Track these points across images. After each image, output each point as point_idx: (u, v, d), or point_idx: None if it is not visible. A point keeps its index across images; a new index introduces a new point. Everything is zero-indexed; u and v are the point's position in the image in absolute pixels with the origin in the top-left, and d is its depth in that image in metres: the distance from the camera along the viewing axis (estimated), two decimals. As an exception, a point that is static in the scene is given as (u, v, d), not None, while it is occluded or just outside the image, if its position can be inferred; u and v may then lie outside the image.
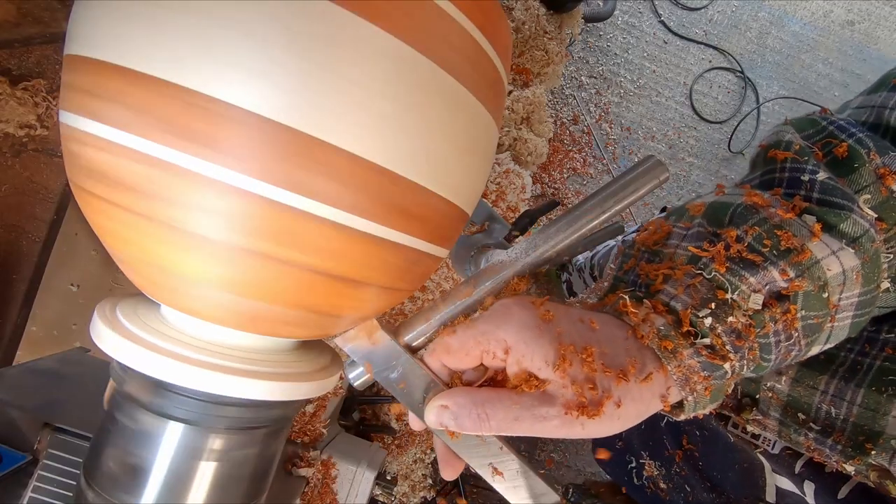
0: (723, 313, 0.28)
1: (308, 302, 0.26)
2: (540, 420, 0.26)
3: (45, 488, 0.42)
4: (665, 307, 0.29)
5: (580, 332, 0.28)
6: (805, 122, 0.34)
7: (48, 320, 0.69)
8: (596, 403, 0.26)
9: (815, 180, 0.30)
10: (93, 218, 0.26)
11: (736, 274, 0.28)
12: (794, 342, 0.29)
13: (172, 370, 0.26)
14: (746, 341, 0.28)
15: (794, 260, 0.28)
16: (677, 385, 0.28)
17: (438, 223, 0.27)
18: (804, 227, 0.29)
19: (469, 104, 0.26)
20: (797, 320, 0.28)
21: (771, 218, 0.29)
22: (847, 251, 0.28)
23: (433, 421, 0.28)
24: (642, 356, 0.28)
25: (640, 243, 0.34)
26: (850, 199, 0.29)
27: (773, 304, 0.28)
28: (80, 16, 0.24)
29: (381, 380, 0.30)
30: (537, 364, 0.27)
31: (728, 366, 0.28)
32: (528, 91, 0.92)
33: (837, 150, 0.31)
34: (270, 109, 0.21)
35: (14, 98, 0.64)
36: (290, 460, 0.64)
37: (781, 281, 0.28)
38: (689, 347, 0.27)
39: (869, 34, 1.56)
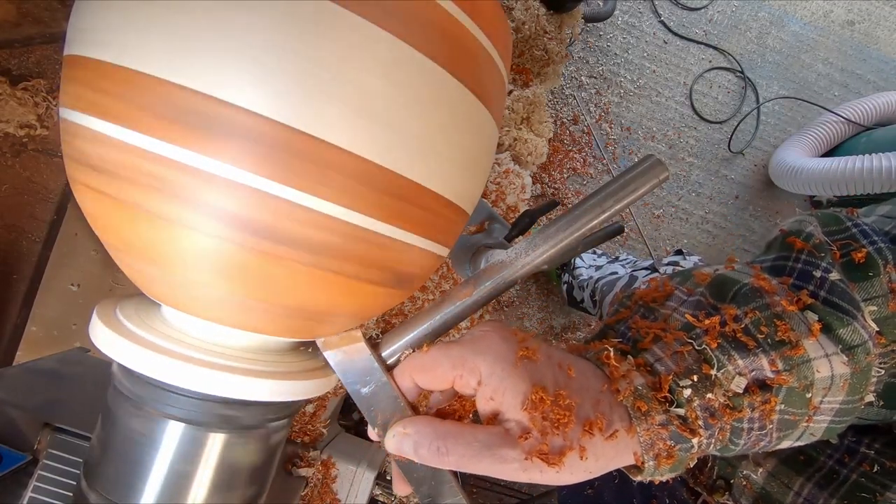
0: (703, 388, 0.28)
1: (307, 300, 0.26)
2: (500, 461, 0.26)
3: (45, 488, 0.42)
4: (648, 368, 0.29)
5: (555, 377, 0.28)
6: (830, 217, 0.34)
7: (48, 320, 0.69)
8: (558, 452, 0.26)
9: (827, 279, 0.30)
10: (92, 215, 0.26)
11: (725, 352, 0.28)
12: (766, 433, 0.29)
13: (172, 370, 0.26)
14: (720, 421, 0.28)
15: (786, 353, 0.28)
16: (643, 448, 0.27)
17: (438, 222, 0.27)
18: (804, 324, 0.28)
19: (469, 103, 0.26)
20: (775, 412, 0.28)
21: (773, 306, 0.29)
22: (840, 357, 0.28)
23: (392, 446, 0.28)
24: (612, 412, 0.27)
25: (639, 297, 0.34)
26: (855, 307, 0.29)
27: (754, 391, 0.28)
28: (80, 16, 0.24)
29: (352, 392, 0.30)
30: (507, 400, 0.27)
31: (696, 441, 0.28)
32: (528, 91, 0.92)
33: (856, 255, 0.31)
34: (269, 108, 0.21)
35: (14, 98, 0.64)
36: (290, 460, 0.64)
37: (769, 371, 0.28)
38: (663, 413, 0.27)
39: (869, 34, 1.56)
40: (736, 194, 1.48)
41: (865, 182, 1.14)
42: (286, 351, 0.31)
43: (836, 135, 1.39)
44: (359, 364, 0.29)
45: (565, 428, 0.26)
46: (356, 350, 0.30)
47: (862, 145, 1.35)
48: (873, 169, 1.12)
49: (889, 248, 0.31)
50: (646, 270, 0.95)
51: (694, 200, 1.47)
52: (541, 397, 0.26)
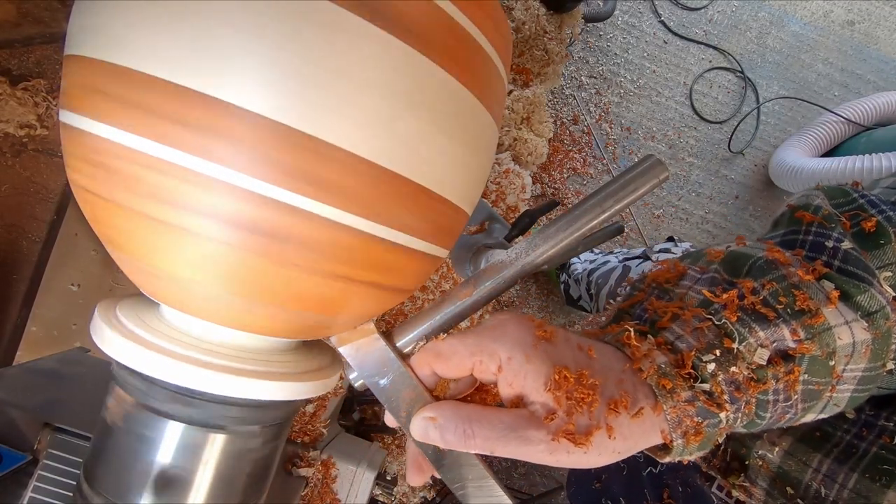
0: (726, 362, 0.27)
1: (307, 301, 0.26)
2: (526, 443, 0.26)
3: (45, 488, 0.42)
4: (668, 346, 0.28)
5: (576, 358, 0.27)
6: (836, 191, 0.34)
7: (48, 320, 0.69)
8: (585, 432, 0.26)
9: (839, 248, 0.30)
10: (92, 216, 0.26)
11: (746, 325, 0.28)
12: (791, 404, 0.29)
13: (172, 370, 0.26)
14: (745, 394, 0.28)
15: (806, 322, 0.27)
16: (670, 426, 0.27)
17: (438, 223, 0.27)
18: (821, 292, 0.28)
19: (469, 103, 0.26)
20: (799, 383, 0.28)
21: (790, 276, 0.29)
22: (860, 323, 0.28)
23: (418, 433, 0.28)
24: (636, 391, 0.27)
25: (652, 279, 0.33)
26: (871, 273, 0.29)
27: (777, 363, 0.28)
28: (80, 16, 0.24)
29: (371, 384, 0.30)
30: (529, 383, 0.26)
31: (723, 415, 0.27)
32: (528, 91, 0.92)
33: (865, 224, 0.31)
34: (270, 109, 0.21)
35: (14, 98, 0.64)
36: (290, 460, 0.64)
37: (790, 340, 0.28)
38: (688, 390, 0.27)
39: (869, 34, 1.56)
40: (736, 194, 1.48)
41: (865, 182, 1.14)
42: (286, 351, 0.31)
43: (836, 135, 1.39)
44: (375, 356, 0.30)
45: (590, 407, 0.26)
46: (371, 342, 0.30)
47: (862, 145, 1.35)
48: (873, 169, 1.12)
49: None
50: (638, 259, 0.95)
51: (694, 200, 1.47)
52: (564, 376, 0.26)
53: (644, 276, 0.34)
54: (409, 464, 0.31)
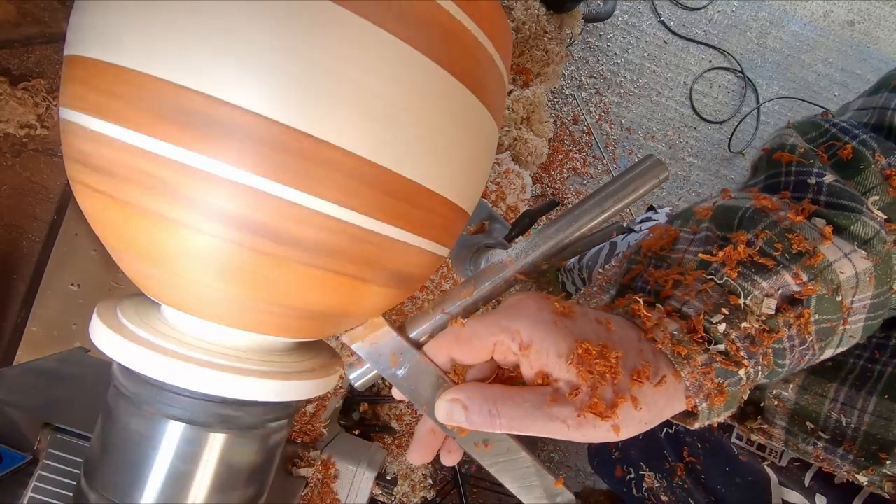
0: (736, 319, 0.27)
1: (307, 300, 0.26)
2: (552, 419, 0.26)
3: (45, 488, 0.42)
4: (677, 313, 0.28)
5: (596, 332, 0.27)
6: (807, 125, 0.34)
7: (48, 320, 0.69)
8: (611, 405, 0.26)
9: (823, 183, 0.30)
10: (92, 216, 0.26)
11: (748, 279, 0.28)
12: (807, 346, 0.29)
13: (172, 370, 0.26)
14: (761, 347, 0.28)
15: (806, 263, 0.27)
16: (692, 391, 0.27)
17: (439, 222, 0.27)
18: (815, 231, 0.28)
19: (469, 103, 0.26)
20: (811, 324, 0.28)
21: (781, 221, 0.29)
22: (859, 253, 0.28)
23: (444, 416, 0.28)
24: (657, 361, 0.27)
25: (647, 249, 0.33)
26: (858, 202, 0.29)
27: (786, 309, 0.28)
28: (80, 16, 0.24)
29: (389, 377, 0.29)
30: (552, 360, 0.26)
31: (743, 372, 0.27)
32: (528, 91, 0.92)
33: (842, 153, 0.31)
34: (269, 108, 0.21)
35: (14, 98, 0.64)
36: (290, 460, 0.64)
37: (794, 285, 0.28)
38: (703, 354, 0.27)
39: (869, 34, 1.56)
40: (736, 194, 1.48)
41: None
42: (286, 351, 0.31)
43: (836, 135, 1.38)
44: (388, 348, 0.29)
45: (614, 379, 0.26)
46: (383, 335, 0.30)
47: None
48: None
49: (872, 138, 0.31)
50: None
51: (694, 200, 1.46)
52: (586, 349, 0.26)
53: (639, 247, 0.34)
54: (414, 443, 0.31)
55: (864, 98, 0.35)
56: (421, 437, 0.31)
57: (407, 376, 0.29)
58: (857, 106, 0.35)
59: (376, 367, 0.30)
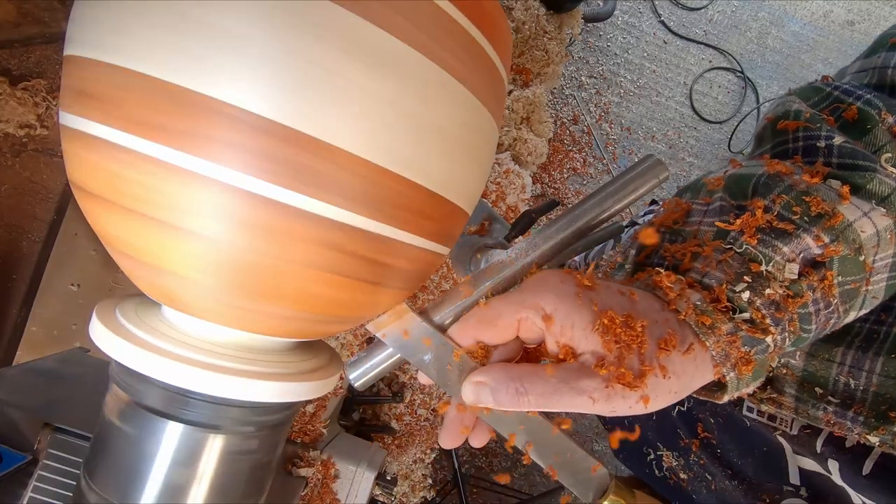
0: (759, 286, 0.27)
1: (307, 301, 0.26)
2: (580, 393, 0.25)
3: (45, 488, 0.42)
4: (699, 284, 0.28)
5: (620, 303, 0.27)
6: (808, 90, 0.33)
7: (48, 320, 0.69)
8: (639, 375, 0.25)
9: (833, 145, 0.30)
10: (93, 217, 0.26)
11: (768, 245, 0.27)
12: (832, 309, 0.29)
13: (172, 371, 0.26)
14: (786, 313, 0.27)
15: (826, 225, 0.27)
16: (718, 360, 0.27)
17: (439, 223, 0.27)
18: (832, 191, 0.28)
19: (469, 103, 0.26)
20: (835, 286, 0.28)
21: (797, 185, 0.28)
22: (878, 211, 0.28)
23: (471, 398, 0.28)
24: (684, 330, 0.27)
25: (660, 224, 0.33)
26: (871, 160, 0.29)
27: (809, 273, 0.27)
28: (80, 16, 0.24)
29: (416, 363, 0.29)
30: (578, 332, 0.26)
31: (770, 339, 0.27)
32: (528, 91, 0.92)
33: (847, 114, 0.30)
34: (268, 109, 0.21)
35: (14, 98, 0.64)
36: (290, 460, 0.64)
37: (816, 247, 0.27)
38: (728, 322, 0.27)
39: (869, 34, 1.56)
40: (736, 194, 1.48)
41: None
42: (286, 351, 0.31)
43: (836, 135, 1.39)
44: (414, 334, 0.29)
45: (641, 348, 0.26)
46: (408, 321, 0.30)
47: (862, 145, 1.34)
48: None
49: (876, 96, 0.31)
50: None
51: (694, 200, 1.46)
52: (611, 318, 0.26)
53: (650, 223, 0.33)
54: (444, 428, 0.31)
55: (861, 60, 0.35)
56: (450, 421, 0.31)
57: (434, 361, 0.29)
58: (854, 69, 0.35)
59: (403, 354, 0.30)
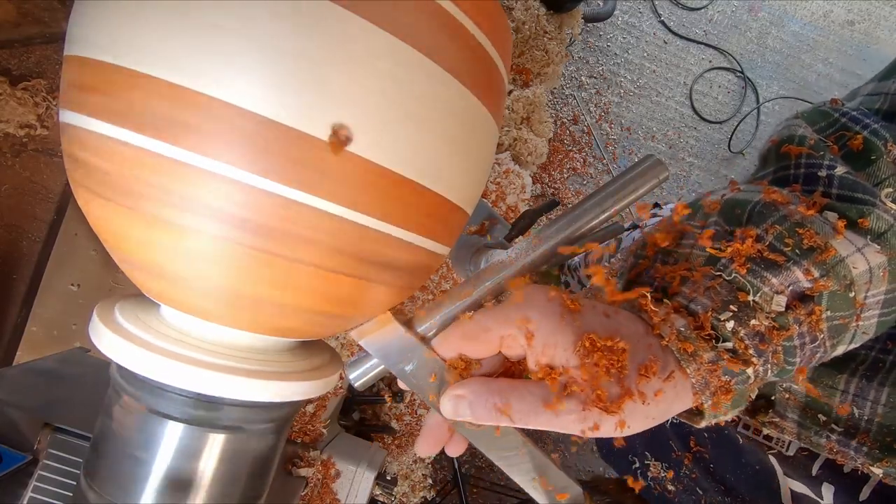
0: (745, 316, 0.27)
1: (307, 300, 0.26)
2: (557, 413, 0.25)
3: (45, 488, 0.42)
4: (685, 309, 0.28)
5: (604, 325, 0.27)
6: (816, 114, 0.33)
7: (48, 320, 0.69)
8: (616, 400, 0.25)
9: (834, 175, 0.29)
10: (92, 215, 0.26)
11: (757, 275, 0.27)
12: (819, 344, 0.28)
13: (172, 370, 0.26)
14: (770, 345, 0.27)
15: (817, 259, 0.27)
16: (697, 388, 0.27)
17: (438, 222, 0.27)
18: (826, 225, 0.27)
19: (469, 103, 0.26)
20: (822, 321, 0.27)
21: (791, 216, 0.28)
22: (872, 247, 0.27)
23: (449, 411, 0.28)
24: (665, 356, 0.27)
25: (653, 244, 0.33)
26: (871, 194, 0.28)
27: (796, 306, 0.27)
28: (80, 16, 0.24)
29: (397, 372, 0.29)
30: (559, 352, 0.26)
31: (751, 370, 0.27)
32: (528, 91, 0.92)
33: (852, 143, 0.30)
34: (269, 109, 0.21)
35: (14, 98, 0.64)
36: (290, 460, 0.64)
37: (805, 281, 0.27)
38: (711, 351, 0.27)
39: (869, 34, 1.56)
40: (736, 194, 1.48)
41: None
42: (286, 351, 0.31)
43: (836, 135, 1.38)
44: (396, 344, 0.29)
45: (620, 373, 0.26)
46: (391, 331, 0.29)
47: (862, 145, 1.34)
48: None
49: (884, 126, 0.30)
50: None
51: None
52: (593, 340, 0.26)
53: (644, 243, 0.33)
54: (422, 435, 0.31)
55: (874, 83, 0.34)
56: (429, 429, 0.31)
57: (415, 372, 0.29)
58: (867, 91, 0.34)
59: (384, 363, 0.30)
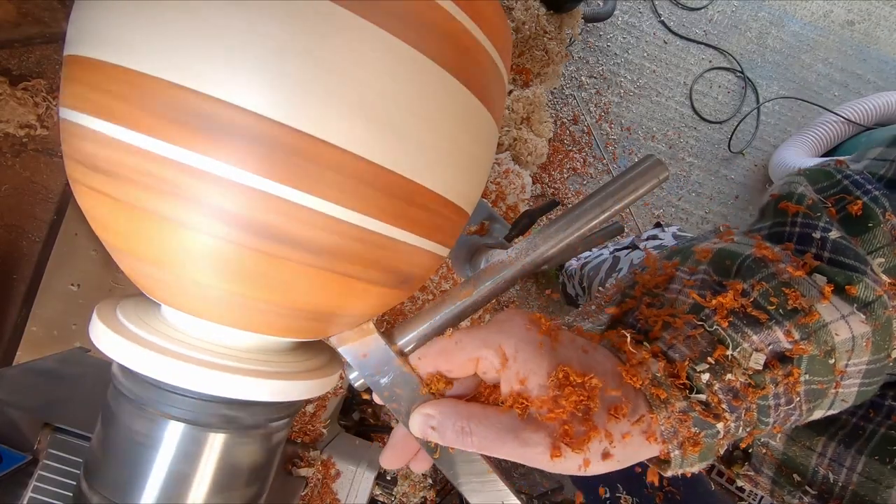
0: (721, 370, 0.27)
1: (308, 300, 0.26)
2: (523, 444, 0.25)
3: (45, 488, 0.42)
4: (663, 355, 0.28)
5: (580, 360, 0.27)
6: (819, 173, 0.32)
7: (48, 320, 0.69)
8: (583, 437, 0.25)
9: (828, 238, 0.29)
10: (92, 215, 0.26)
11: (738, 330, 0.27)
12: (794, 406, 0.28)
13: (172, 370, 0.26)
14: (744, 402, 0.27)
15: (800, 321, 0.26)
16: (666, 436, 0.26)
17: (438, 222, 0.27)
18: (814, 288, 0.27)
19: (469, 103, 0.26)
20: (800, 384, 0.27)
21: (780, 274, 0.28)
22: (857, 316, 0.27)
23: (417, 429, 0.28)
24: (637, 399, 0.27)
25: (642, 284, 0.33)
26: (863, 262, 0.28)
27: (775, 366, 0.27)
28: (80, 16, 0.24)
29: (371, 384, 0.30)
30: (532, 382, 0.26)
31: (721, 426, 0.27)
32: (528, 91, 0.92)
33: (852, 208, 0.30)
34: (270, 109, 0.21)
35: (14, 98, 0.64)
36: (290, 460, 0.64)
37: (786, 342, 0.27)
38: (683, 401, 0.26)
39: (869, 34, 1.56)
40: (736, 194, 1.48)
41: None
42: (287, 351, 0.31)
43: (837, 135, 1.39)
44: (375, 355, 0.30)
45: (590, 411, 0.25)
46: (371, 342, 0.30)
47: (862, 145, 1.34)
48: (873, 169, 1.12)
49: (885, 195, 0.30)
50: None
51: (694, 200, 1.46)
52: (567, 374, 0.26)
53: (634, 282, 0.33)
54: (388, 446, 0.31)
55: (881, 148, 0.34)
56: (395, 443, 0.31)
57: (389, 385, 0.29)
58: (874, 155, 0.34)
59: (361, 373, 0.30)
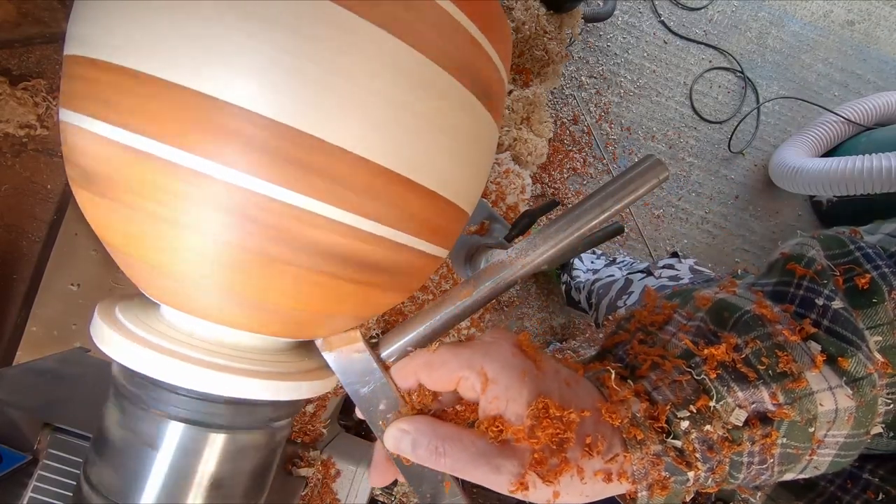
0: (702, 420, 0.27)
1: (308, 301, 0.26)
2: (495, 471, 0.25)
3: (45, 488, 0.42)
4: (646, 395, 0.28)
5: (561, 392, 0.27)
6: (833, 240, 0.32)
7: (48, 320, 0.69)
8: (556, 469, 0.25)
9: (829, 307, 0.29)
10: (92, 215, 0.26)
11: (725, 384, 0.27)
12: (766, 467, 0.28)
13: (172, 370, 0.26)
14: (718, 454, 0.27)
15: (787, 386, 0.27)
16: (636, 477, 0.27)
17: (439, 223, 0.27)
18: (806, 354, 0.27)
19: (469, 104, 0.26)
20: (776, 446, 0.27)
21: (775, 335, 0.28)
22: (844, 390, 0.27)
23: (391, 443, 0.28)
24: (613, 436, 0.27)
25: (638, 320, 0.33)
26: (860, 337, 0.28)
27: (755, 425, 0.27)
28: (80, 16, 0.24)
29: (351, 392, 0.30)
30: (511, 409, 0.26)
31: (692, 474, 0.27)
32: (528, 91, 0.92)
33: (859, 280, 0.30)
34: (270, 109, 0.21)
35: (14, 98, 0.64)
36: (290, 460, 0.64)
37: (770, 404, 0.27)
38: (659, 444, 0.27)
39: (869, 34, 1.56)
40: (736, 194, 1.48)
41: (865, 182, 1.14)
42: (286, 351, 0.31)
43: (836, 135, 1.39)
44: (358, 364, 0.29)
45: (565, 444, 0.26)
46: (355, 350, 0.29)
47: (862, 145, 1.35)
48: (873, 169, 1.12)
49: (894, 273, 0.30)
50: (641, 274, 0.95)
51: (694, 200, 1.46)
52: (545, 406, 0.26)
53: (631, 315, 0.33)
54: (373, 464, 0.31)
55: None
56: (378, 462, 0.31)
57: (368, 396, 0.29)
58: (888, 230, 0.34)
59: (343, 380, 0.30)
